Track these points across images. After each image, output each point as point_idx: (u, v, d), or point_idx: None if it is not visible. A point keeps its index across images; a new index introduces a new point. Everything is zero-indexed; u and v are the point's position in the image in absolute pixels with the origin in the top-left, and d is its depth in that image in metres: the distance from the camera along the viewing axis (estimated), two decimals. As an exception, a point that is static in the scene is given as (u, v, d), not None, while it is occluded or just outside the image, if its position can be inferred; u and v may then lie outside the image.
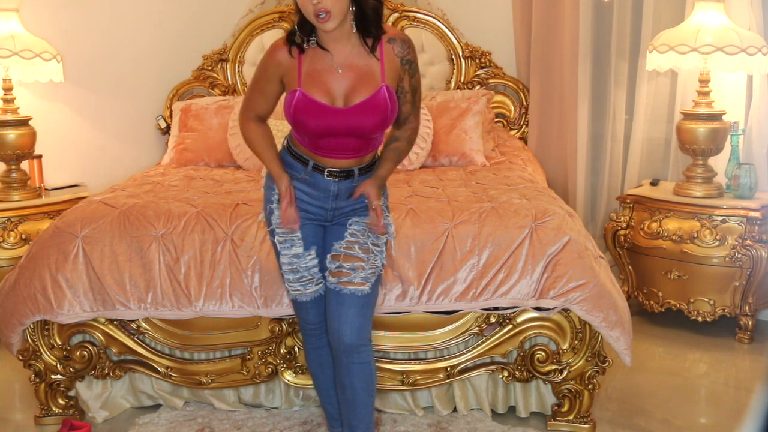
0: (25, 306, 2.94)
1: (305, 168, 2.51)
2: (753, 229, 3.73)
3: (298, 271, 2.56)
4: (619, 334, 2.86)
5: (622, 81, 4.43)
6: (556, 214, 2.98)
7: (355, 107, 2.42)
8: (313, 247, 2.56)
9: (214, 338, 3.01)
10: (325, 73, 2.44)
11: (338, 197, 2.54)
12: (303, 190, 2.53)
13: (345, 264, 2.52)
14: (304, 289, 2.58)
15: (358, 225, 2.54)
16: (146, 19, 4.73)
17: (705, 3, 3.85)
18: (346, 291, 2.51)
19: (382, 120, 2.45)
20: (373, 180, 2.52)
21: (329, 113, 2.42)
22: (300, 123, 2.44)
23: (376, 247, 2.54)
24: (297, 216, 2.50)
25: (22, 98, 4.19)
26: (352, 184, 2.53)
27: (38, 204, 4.04)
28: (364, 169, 2.54)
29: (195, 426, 3.02)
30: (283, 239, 2.55)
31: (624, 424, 3.06)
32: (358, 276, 2.51)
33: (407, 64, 2.49)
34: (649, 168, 4.45)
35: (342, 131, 2.43)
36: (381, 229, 2.50)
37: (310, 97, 2.41)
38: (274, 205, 2.54)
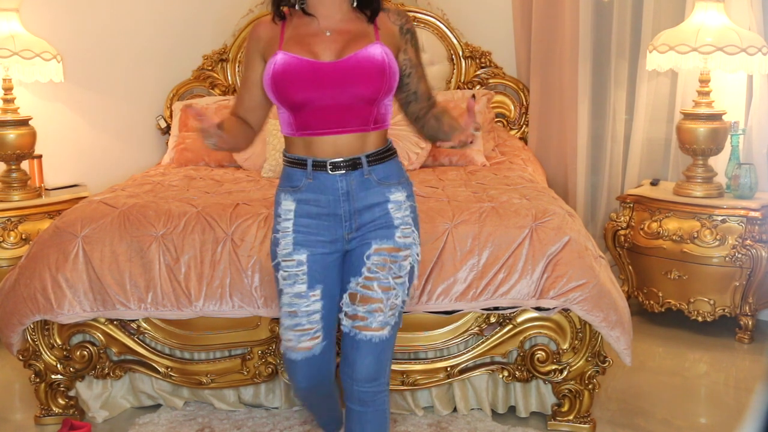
0: (25, 306, 2.94)
1: (305, 171, 2.21)
2: (753, 229, 3.73)
3: (296, 315, 2.24)
4: (619, 334, 2.86)
5: (622, 81, 4.43)
6: (556, 214, 2.98)
7: (347, 59, 2.14)
8: (319, 287, 2.24)
9: (214, 338, 3.01)
10: (310, 36, 2.19)
11: (350, 198, 2.21)
12: (310, 202, 2.22)
13: (360, 307, 2.21)
14: (297, 342, 2.24)
15: (377, 255, 2.21)
16: (146, 19, 4.73)
17: (705, 3, 3.85)
18: (362, 336, 2.21)
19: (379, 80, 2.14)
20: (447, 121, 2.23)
21: (316, 69, 2.13)
22: (283, 89, 2.14)
23: (398, 281, 2.22)
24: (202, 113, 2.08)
25: (22, 98, 4.19)
26: (362, 177, 2.20)
27: (38, 204, 4.04)
28: (374, 156, 2.21)
29: (195, 426, 3.02)
30: (287, 274, 2.24)
31: (624, 424, 3.06)
32: (375, 320, 2.20)
33: (408, 33, 2.26)
34: (649, 168, 4.45)
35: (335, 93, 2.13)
36: (468, 136, 2.12)
37: (293, 54, 2.15)
38: (279, 234, 2.25)
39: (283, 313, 2.27)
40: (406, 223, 2.24)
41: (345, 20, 2.21)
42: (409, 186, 2.29)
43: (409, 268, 2.25)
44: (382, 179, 2.23)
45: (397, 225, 2.23)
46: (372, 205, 2.22)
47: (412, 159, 4.07)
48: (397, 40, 2.24)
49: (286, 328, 2.26)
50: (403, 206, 2.24)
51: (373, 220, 2.22)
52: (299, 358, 2.25)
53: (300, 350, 2.24)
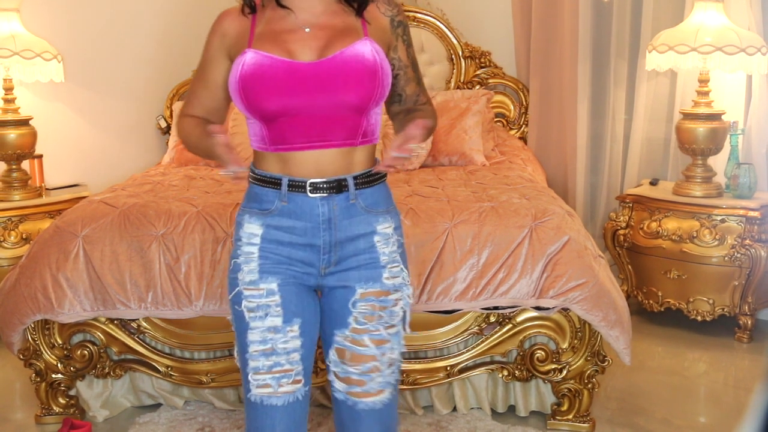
0: (26, 305, 2.94)
1: (278, 191, 1.83)
2: (752, 229, 3.73)
3: (273, 352, 1.82)
4: (619, 334, 2.86)
5: (621, 81, 4.44)
6: (556, 213, 2.99)
7: (331, 58, 1.79)
8: (297, 321, 1.84)
9: (215, 337, 3.01)
10: (285, 32, 1.84)
11: (332, 226, 1.84)
12: (281, 227, 1.84)
13: (352, 367, 1.86)
14: (276, 386, 1.82)
15: (364, 302, 1.86)
16: (146, 19, 4.74)
17: (704, 3, 3.85)
18: (363, 405, 1.87)
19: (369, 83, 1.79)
20: None
21: (293, 71, 1.78)
22: (253, 96, 1.78)
23: (392, 330, 1.87)
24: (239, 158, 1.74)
25: (22, 98, 4.20)
26: (348, 202, 1.84)
27: (39, 204, 4.05)
28: (362, 178, 1.86)
29: (195, 425, 3.02)
30: (254, 304, 1.83)
31: (623, 423, 3.06)
32: (374, 383, 1.86)
33: (399, 26, 1.93)
34: (648, 168, 4.46)
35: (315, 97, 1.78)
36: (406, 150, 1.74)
37: (265, 54, 1.80)
38: (241, 260, 1.85)
39: (252, 354, 1.83)
40: (394, 260, 1.88)
41: (327, 13, 1.87)
42: (397, 216, 1.94)
43: (401, 314, 1.90)
44: (370, 206, 1.87)
45: (384, 264, 1.87)
46: (356, 237, 1.85)
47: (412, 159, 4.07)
48: (387, 35, 1.91)
49: (259, 371, 1.83)
50: (390, 240, 1.89)
51: (356, 255, 1.86)
52: (280, 404, 1.83)
53: (281, 395, 1.83)
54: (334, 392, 1.90)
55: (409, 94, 1.96)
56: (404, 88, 1.95)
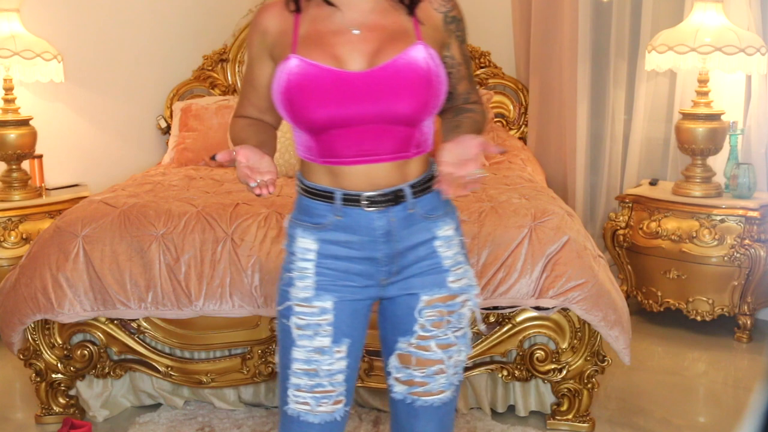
0: (26, 305, 2.94)
1: (331, 205, 1.73)
2: (752, 229, 3.74)
3: (316, 374, 1.75)
4: (618, 334, 2.86)
5: (621, 81, 4.44)
6: (556, 213, 2.99)
7: (383, 67, 1.66)
8: (345, 342, 1.77)
9: (215, 337, 3.02)
10: (331, 34, 1.70)
11: (391, 238, 1.74)
12: (338, 243, 1.74)
13: (417, 371, 1.79)
14: (315, 405, 1.76)
15: (432, 309, 1.77)
16: (147, 20, 4.74)
17: (704, 3, 3.86)
18: (422, 402, 1.81)
19: (424, 93, 1.67)
20: None
21: (342, 81, 1.65)
22: (299, 107, 1.67)
23: (459, 334, 1.80)
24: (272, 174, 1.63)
25: (22, 98, 4.20)
26: (405, 213, 1.74)
27: (39, 204, 4.05)
28: (419, 186, 1.75)
29: (195, 425, 3.02)
30: (304, 322, 1.75)
31: (623, 423, 3.06)
32: (437, 384, 1.80)
33: (453, 22, 1.78)
34: (648, 168, 4.46)
35: (366, 109, 1.66)
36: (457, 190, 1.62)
37: (310, 61, 1.66)
38: (295, 274, 1.76)
39: (295, 371, 1.76)
40: (458, 262, 1.80)
41: (377, 12, 1.73)
42: (455, 216, 1.84)
43: (469, 314, 1.82)
44: (429, 212, 1.77)
45: (448, 267, 1.78)
46: (416, 245, 1.76)
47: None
48: (440, 33, 1.77)
49: (300, 389, 1.76)
50: (452, 242, 1.80)
51: (417, 262, 1.77)
52: (316, 422, 1.77)
53: (319, 412, 1.77)
54: (392, 393, 1.84)
55: (460, 92, 1.83)
56: (456, 86, 1.81)
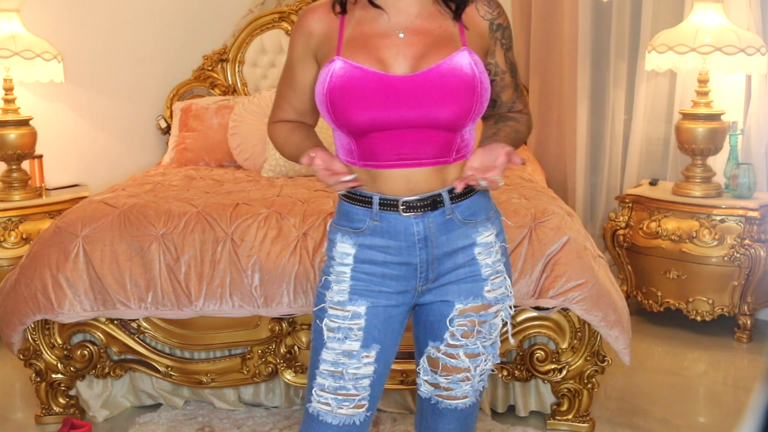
0: (26, 305, 2.94)
1: (369, 210, 1.74)
2: (752, 229, 3.74)
3: (341, 377, 1.76)
4: (618, 334, 2.86)
5: (621, 81, 4.44)
6: (556, 213, 2.99)
7: (427, 72, 1.67)
8: (375, 348, 1.77)
9: (215, 337, 3.02)
10: (377, 37, 1.70)
11: (429, 244, 1.74)
12: (375, 247, 1.75)
13: (443, 378, 1.82)
14: (336, 407, 1.77)
15: (464, 318, 1.77)
16: (147, 20, 4.74)
17: (704, 3, 3.86)
18: (446, 405, 1.85)
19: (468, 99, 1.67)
20: None
21: (386, 85, 1.66)
22: (342, 110, 1.67)
23: (488, 344, 1.81)
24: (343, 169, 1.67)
25: (22, 98, 4.20)
26: (444, 218, 1.73)
27: (39, 204, 4.05)
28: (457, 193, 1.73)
29: (195, 425, 3.02)
30: (336, 325, 1.76)
31: (623, 423, 3.06)
32: (461, 390, 1.83)
33: (499, 30, 1.78)
34: (648, 168, 4.46)
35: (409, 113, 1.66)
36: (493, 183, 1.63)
37: (354, 64, 1.67)
38: (332, 278, 1.78)
39: (322, 371, 1.78)
40: (497, 272, 1.79)
41: (423, 16, 1.73)
42: (498, 220, 1.82)
43: (501, 324, 1.83)
44: (468, 217, 1.76)
45: (486, 277, 1.77)
46: (455, 251, 1.76)
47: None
48: (486, 40, 1.77)
49: (324, 389, 1.78)
50: (493, 249, 1.78)
51: (455, 269, 1.77)
52: (335, 423, 1.78)
53: (340, 414, 1.78)
54: (419, 391, 1.88)
55: (504, 100, 1.83)
56: (500, 94, 1.82)
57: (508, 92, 1.82)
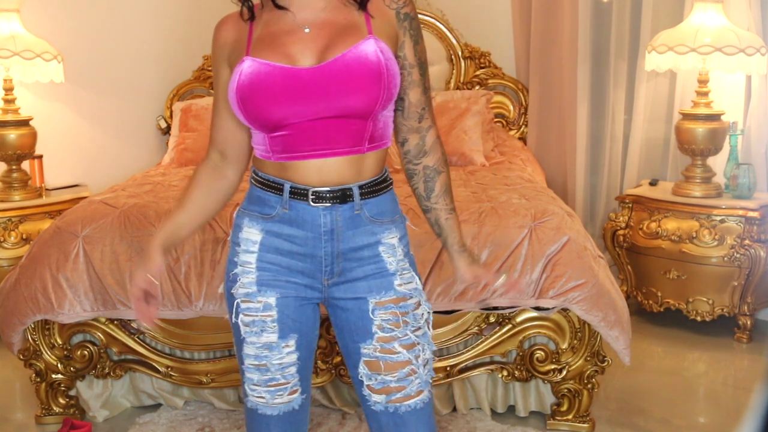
0: (26, 306, 2.94)
1: (280, 197, 1.74)
2: (752, 229, 3.74)
3: (267, 369, 1.78)
4: (618, 334, 2.86)
5: (621, 81, 4.44)
6: (556, 213, 2.99)
7: (333, 62, 1.67)
8: (293, 336, 1.78)
9: (214, 338, 3.02)
10: (284, 35, 1.72)
11: (334, 237, 1.74)
12: (281, 235, 1.75)
13: (390, 375, 1.77)
14: (271, 398, 1.80)
15: (384, 310, 1.76)
16: (147, 20, 4.74)
17: (704, 3, 3.86)
18: (406, 408, 1.78)
19: (376, 87, 1.67)
20: (460, 259, 1.87)
21: (292, 77, 1.67)
22: (252, 106, 1.68)
23: (419, 333, 1.79)
24: (152, 314, 1.79)
25: (22, 98, 4.20)
26: (352, 213, 1.74)
27: (39, 204, 4.05)
28: (368, 187, 1.75)
29: (195, 425, 3.02)
30: (250, 319, 1.77)
31: (623, 423, 3.06)
32: (413, 385, 1.78)
33: (406, 19, 1.79)
34: (648, 168, 4.46)
35: (317, 104, 1.67)
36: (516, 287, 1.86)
37: (262, 61, 1.68)
38: (238, 270, 1.78)
39: (248, 366, 1.79)
40: (404, 268, 1.80)
41: (328, 9, 1.74)
42: (402, 225, 1.85)
43: (425, 316, 1.82)
44: (375, 216, 1.77)
45: (394, 271, 1.78)
46: (360, 247, 1.77)
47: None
48: (392, 28, 1.76)
49: (255, 383, 1.80)
50: (396, 250, 1.80)
51: (361, 266, 1.77)
52: (274, 414, 1.81)
53: (276, 405, 1.81)
54: (370, 405, 1.80)
55: (413, 101, 1.79)
56: (407, 91, 1.78)
57: (416, 91, 1.79)
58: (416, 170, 1.85)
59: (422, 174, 1.84)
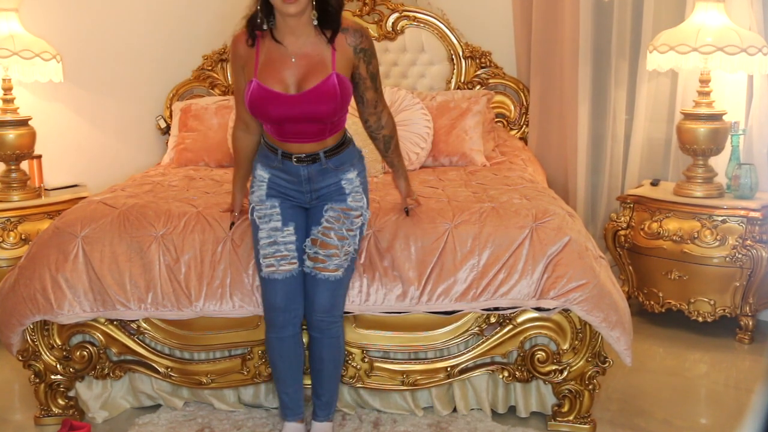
0: (25, 306, 2.94)
1: (276, 156, 2.70)
2: (753, 230, 3.72)
3: (275, 243, 2.69)
4: (620, 335, 2.86)
5: (622, 81, 4.43)
6: (557, 214, 2.98)
7: (306, 93, 2.57)
8: (291, 224, 2.72)
9: (215, 338, 3.01)
10: (278, 62, 2.60)
11: (311, 180, 2.71)
12: (280, 176, 2.73)
13: (321, 251, 2.69)
14: (278, 265, 2.68)
15: (333, 211, 2.70)
16: (146, 19, 4.73)
17: (705, 3, 3.85)
18: (321, 276, 2.68)
19: (334, 106, 2.58)
20: (402, 185, 2.97)
21: (283, 101, 2.58)
22: (257, 112, 2.63)
23: (350, 233, 2.71)
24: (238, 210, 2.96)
25: (21, 98, 4.19)
26: (321, 167, 2.69)
27: (38, 204, 4.04)
28: (330, 151, 2.70)
29: (195, 426, 3.01)
30: (262, 214, 2.72)
31: (624, 424, 3.05)
32: (332, 263, 2.68)
33: (361, 52, 2.64)
34: (649, 168, 4.45)
35: (298, 117, 2.59)
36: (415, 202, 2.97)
37: (264, 86, 2.58)
38: (255, 187, 2.77)
39: (262, 244, 2.70)
40: (357, 191, 2.74)
41: (308, 43, 2.61)
42: (360, 164, 2.78)
43: (359, 224, 2.74)
44: (338, 165, 2.71)
45: (348, 192, 2.73)
46: (328, 185, 2.72)
47: (412, 159, 4.07)
48: (351, 60, 2.63)
49: (266, 255, 2.69)
50: (354, 182, 2.75)
51: (329, 192, 2.73)
52: (280, 278, 2.69)
53: (281, 272, 2.69)
54: (305, 269, 2.72)
55: (368, 99, 2.75)
56: (364, 93, 2.74)
57: (370, 92, 2.74)
58: (377, 137, 2.87)
59: (381, 139, 2.87)
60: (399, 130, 3.92)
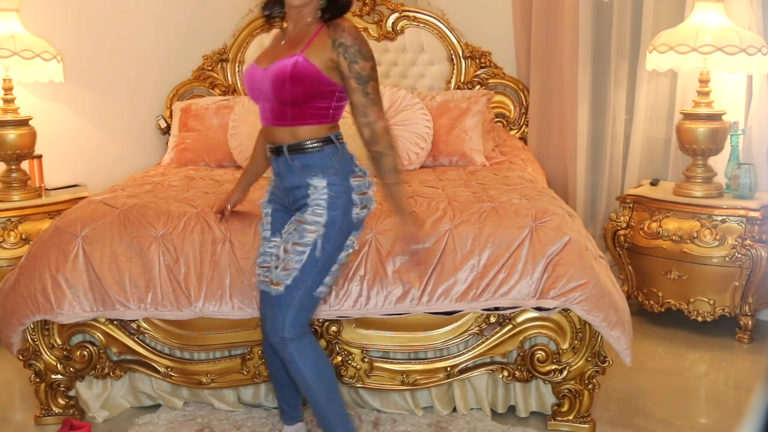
0: (25, 306, 2.94)
1: None
2: (753, 229, 3.73)
3: (263, 254, 2.66)
4: (619, 334, 2.86)
5: (622, 81, 4.43)
6: (556, 214, 2.98)
7: (269, 68, 2.52)
8: (279, 236, 2.63)
9: (214, 338, 3.01)
10: (273, 45, 2.66)
11: (282, 178, 2.60)
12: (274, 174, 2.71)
13: (273, 262, 2.60)
14: (263, 276, 2.63)
15: (291, 224, 2.57)
16: (146, 19, 4.74)
17: (705, 3, 3.85)
18: (264, 288, 2.59)
19: (281, 85, 2.46)
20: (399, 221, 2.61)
21: (255, 74, 2.57)
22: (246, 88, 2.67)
23: (297, 247, 2.52)
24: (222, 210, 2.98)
25: (22, 98, 4.19)
26: (287, 164, 2.55)
27: (38, 204, 4.04)
28: (293, 147, 2.54)
29: (195, 426, 3.02)
30: (262, 221, 2.73)
31: (624, 424, 3.06)
32: (273, 276, 2.55)
33: (339, 46, 2.46)
34: (648, 168, 4.45)
35: (258, 92, 2.56)
36: (421, 267, 2.77)
37: (252, 62, 2.64)
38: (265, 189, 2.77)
39: (258, 253, 2.72)
40: (318, 205, 2.52)
41: (300, 30, 2.54)
42: (333, 176, 2.53)
43: (312, 239, 2.51)
44: (305, 167, 2.54)
45: (310, 205, 2.52)
46: (297, 186, 2.56)
47: (412, 159, 4.07)
48: (327, 52, 2.47)
49: (258, 265, 2.69)
50: (319, 191, 2.52)
51: (301, 198, 2.56)
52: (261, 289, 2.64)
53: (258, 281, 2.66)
54: None
55: (355, 102, 2.49)
56: (350, 96, 2.50)
57: (356, 95, 2.48)
58: (370, 154, 2.54)
59: (373, 156, 2.53)
60: (399, 130, 3.94)
